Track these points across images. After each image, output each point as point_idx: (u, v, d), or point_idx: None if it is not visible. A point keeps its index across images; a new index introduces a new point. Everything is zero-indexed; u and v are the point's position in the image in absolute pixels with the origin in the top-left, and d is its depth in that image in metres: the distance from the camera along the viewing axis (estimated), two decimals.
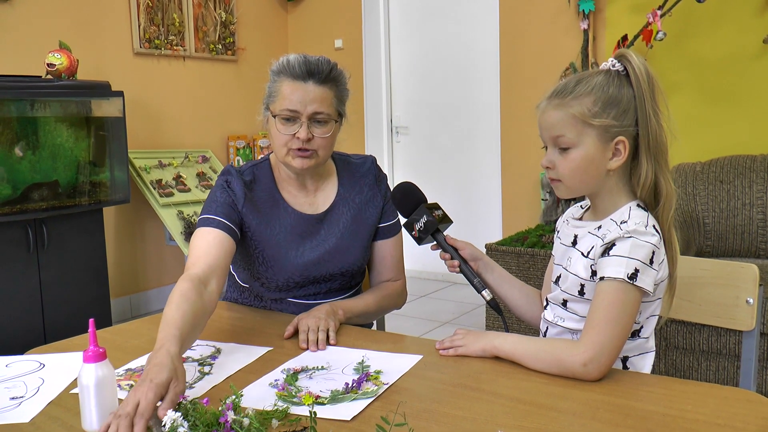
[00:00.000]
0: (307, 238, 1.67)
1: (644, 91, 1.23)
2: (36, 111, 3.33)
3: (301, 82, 1.56)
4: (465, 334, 1.33)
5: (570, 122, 1.25)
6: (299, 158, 1.58)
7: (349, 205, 1.72)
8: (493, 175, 4.63)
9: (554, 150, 1.29)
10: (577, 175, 1.28)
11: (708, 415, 1.03)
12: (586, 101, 1.24)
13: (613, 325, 1.17)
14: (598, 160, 1.26)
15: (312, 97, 1.56)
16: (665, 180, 1.26)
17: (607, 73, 1.27)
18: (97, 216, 3.65)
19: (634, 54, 1.26)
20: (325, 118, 1.58)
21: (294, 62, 1.57)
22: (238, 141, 4.89)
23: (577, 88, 1.26)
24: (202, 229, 1.56)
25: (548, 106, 1.28)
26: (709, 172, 3.30)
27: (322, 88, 1.58)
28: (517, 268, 3.41)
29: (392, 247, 1.78)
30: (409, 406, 1.09)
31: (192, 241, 1.56)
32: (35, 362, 1.37)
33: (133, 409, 0.98)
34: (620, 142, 1.25)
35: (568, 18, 4.04)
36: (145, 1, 4.29)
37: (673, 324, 2.78)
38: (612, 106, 1.24)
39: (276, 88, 1.59)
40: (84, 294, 3.55)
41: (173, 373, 1.06)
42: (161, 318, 1.27)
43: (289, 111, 1.56)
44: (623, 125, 1.24)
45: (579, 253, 1.30)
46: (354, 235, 1.71)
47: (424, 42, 4.93)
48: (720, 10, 3.53)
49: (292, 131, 1.56)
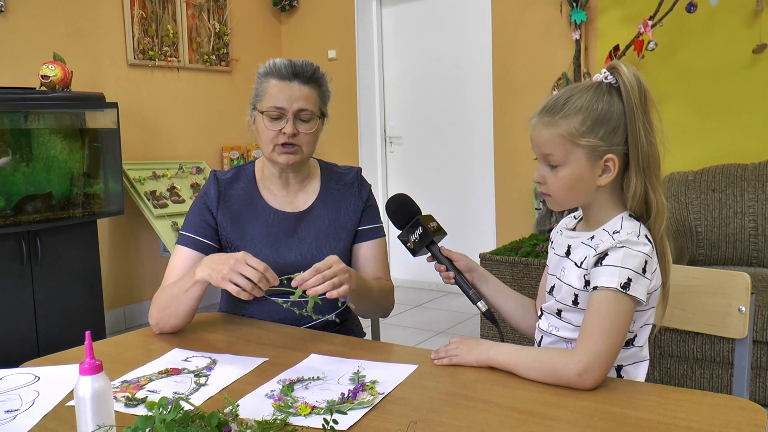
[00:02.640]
0: (284, 235, 1.73)
1: (635, 105, 1.23)
2: (30, 123, 3.33)
3: (287, 82, 1.66)
4: (460, 342, 1.33)
5: (558, 142, 1.26)
6: (285, 154, 1.68)
7: (329, 208, 1.78)
8: (486, 185, 4.65)
9: (545, 166, 1.30)
10: (566, 192, 1.29)
11: (702, 422, 1.03)
12: (574, 121, 1.24)
13: (607, 334, 1.18)
14: (587, 177, 1.27)
15: (297, 95, 1.66)
16: (656, 194, 1.26)
17: (599, 86, 1.27)
18: (91, 228, 3.64)
19: (625, 66, 1.25)
20: (310, 116, 1.68)
21: (280, 64, 1.68)
22: (233, 152, 4.89)
23: (566, 105, 1.25)
24: (179, 248, 1.71)
25: (538, 123, 1.29)
26: (701, 181, 3.33)
27: (306, 87, 1.68)
28: (511, 278, 3.42)
29: (376, 249, 1.80)
30: (405, 415, 1.09)
31: (170, 259, 1.71)
32: (30, 375, 1.37)
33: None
34: (609, 160, 1.25)
35: (560, 29, 4.07)
36: (139, 13, 4.30)
37: (666, 332, 2.79)
38: (601, 125, 1.24)
39: (263, 89, 1.69)
40: (78, 306, 3.54)
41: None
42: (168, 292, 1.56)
43: (275, 108, 1.66)
44: (612, 143, 1.25)
45: (572, 263, 1.31)
46: (332, 236, 1.75)
47: (417, 52, 4.95)
48: (710, 21, 3.56)
49: (279, 127, 1.66)
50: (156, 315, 1.60)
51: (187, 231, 1.72)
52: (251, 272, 1.38)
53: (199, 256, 1.68)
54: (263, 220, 1.74)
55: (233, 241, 1.72)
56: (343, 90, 5.08)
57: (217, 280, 1.41)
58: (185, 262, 1.68)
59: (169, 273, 1.68)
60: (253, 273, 1.38)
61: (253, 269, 1.38)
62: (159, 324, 1.59)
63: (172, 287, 1.58)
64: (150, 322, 1.62)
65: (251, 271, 1.38)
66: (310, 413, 1.10)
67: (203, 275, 1.46)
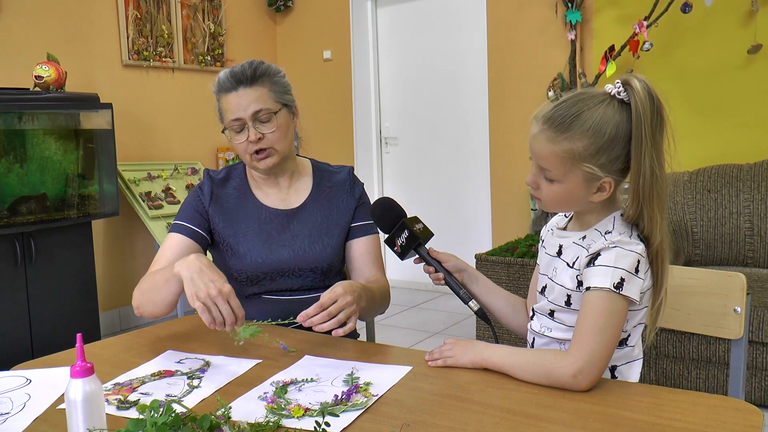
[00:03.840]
0: (277, 232, 1.73)
1: (644, 132, 1.17)
2: (24, 124, 3.31)
3: (233, 92, 1.67)
4: (454, 344, 1.33)
5: (558, 161, 1.23)
6: (260, 160, 1.69)
7: (322, 205, 1.78)
8: (482, 185, 4.65)
9: (540, 174, 1.28)
10: (557, 202, 1.29)
11: (697, 423, 1.03)
12: (579, 144, 1.20)
13: (601, 334, 1.17)
14: (581, 195, 1.26)
15: (247, 101, 1.66)
16: (651, 222, 1.21)
17: (611, 102, 1.21)
18: (86, 229, 3.63)
19: (639, 82, 1.18)
20: (267, 115, 1.67)
21: (222, 78, 1.69)
22: (228, 152, 4.89)
23: (574, 125, 1.20)
24: (171, 235, 1.71)
25: (541, 134, 1.24)
26: (696, 182, 3.33)
27: (252, 89, 1.67)
28: (507, 278, 3.42)
29: (369, 245, 1.80)
30: (399, 417, 1.09)
31: (161, 246, 1.72)
32: (22, 378, 1.36)
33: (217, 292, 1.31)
34: (606, 183, 1.23)
35: (555, 29, 4.07)
36: (134, 13, 4.29)
37: (662, 333, 2.79)
38: (605, 151, 1.20)
39: (220, 106, 1.72)
40: (72, 307, 3.53)
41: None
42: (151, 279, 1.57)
43: (233, 121, 1.67)
44: (612, 169, 1.22)
45: (564, 264, 1.30)
46: (325, 232, 1.75)
47: (412, 53, 4.95)
48: (705, 21, 3.56)
49: (244, 138, 1.67)
50: (138, 297, 1.60)
51: (180, 220, 1.73)
52: (226, 312, 1.32)
53: (190, 242, 1.69)
54: (256, 218, 1.74)
55: (226, 237, 1.73)
56: (338, 91, 5.07)
57: (190, 293, 1.35)
58: (177, 247, 1.68)
59: (158, 257, 1.69)
60: (227, 315, 1.32)
61: (229, 313, 1.33)
62: (139, 308, 1.59)
63: (155, 274, 1.57)
64: (132, 303, 1.62)
65: (227, 312, 1.32)
66: (303, 415, 1.10)
67: (182, 274, 1.40)
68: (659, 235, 1.22)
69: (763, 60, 3.44)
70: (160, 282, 1.52)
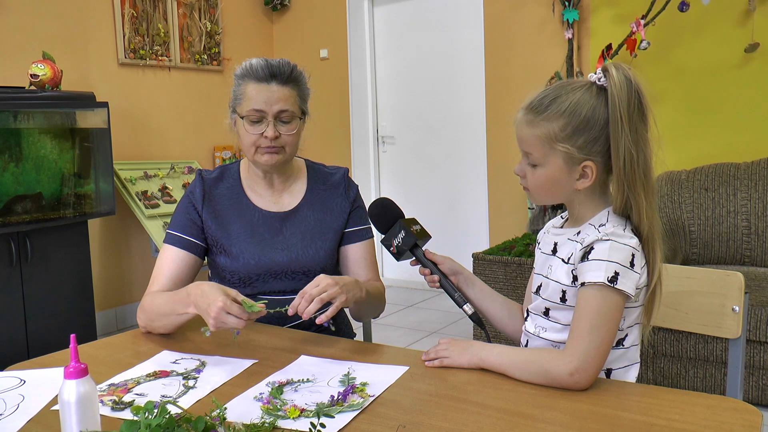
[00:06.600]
0: (270, 234, 1.72)
1: (620, 114, 1.18)
2: (19, 122, 3.30)
3: (264, 84, 1.64)
4: (450, 344, 1.32)
5: (537, 143, 1.24)
6: (267, 154, 1.66)
7: (316, 208, 1.77)
8: (479, 185, 4.64)
9: (525, 161, 1.29)
10: (542, 190, 1.29)
11: (695, 423, 1.02)
12: (555, 125, 1.22)
13: (597, 332, 1.17)
14: (564, 180, 1.26)
15: (276, 97, 1.64)
16: (638, 207, 1.21)
17: (590, 88, 1.23)
18: (82, 228, 3.62)
19: (617, 68, 1.20)
20: (290, 117, 1.66)
21: (257, 65, 1.66)
22: (225, 151, 4.87)
23: (550, 107, 1.23)
24: (166, 247, 1.70)
25: (522, 119, 1.27)
26: (693, 180, 3.33)
27: (285, 88, 1.65)
28: (504, 278, 3.41)
29: (364, 250, 1.80)
30: (395, 418, 1.08)
31: (158, 258, 1.71)
32: (15, 378, 1.35)
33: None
34: (588, 167, 1.23)
35: (552, 28, 4.06)
36: (130, 12, 4.27)
37: (660, 332, 2.79)
38: (581, 132, 1.21)
39: (241, 91, 1.68)
40: (69, 307, 3.51)
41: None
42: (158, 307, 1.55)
43: (255, 111, 1.64)
44: (591, 152, 1.22)
45: (560, 260, 1.30)
46: (318, 236, 1.74)
47: (409, 52, 4.94)
48: (702, 20, 3.56)
49: (260, 131, 1.64)
50: (144, 320, 1.60)
51: (174, 230, 1.72)
52: (234, 322, 1.35)
53: (185, 254, 1.69)
54: (248, 220, 1.73)
55: (219, 239, 1.71)
56: (335, 90, 5.06)
57: (209, 324, 1.39)
58: (173, 262, 1.68)
59: (156, 273, 1.68)
60: (236, 322, 1.36)
61: (236, 319, 1.35)
62: (147, 328, 1.60)
63: (163, 303, 1.55)
64: (138, 323, 1.62)
65: (234, 321, 1.35)
66: (299, 416, 1.09)
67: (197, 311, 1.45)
68: (647, 221, 1.22)
69: (760, 59, 3.44)
70: (172, 314, 1.52)
